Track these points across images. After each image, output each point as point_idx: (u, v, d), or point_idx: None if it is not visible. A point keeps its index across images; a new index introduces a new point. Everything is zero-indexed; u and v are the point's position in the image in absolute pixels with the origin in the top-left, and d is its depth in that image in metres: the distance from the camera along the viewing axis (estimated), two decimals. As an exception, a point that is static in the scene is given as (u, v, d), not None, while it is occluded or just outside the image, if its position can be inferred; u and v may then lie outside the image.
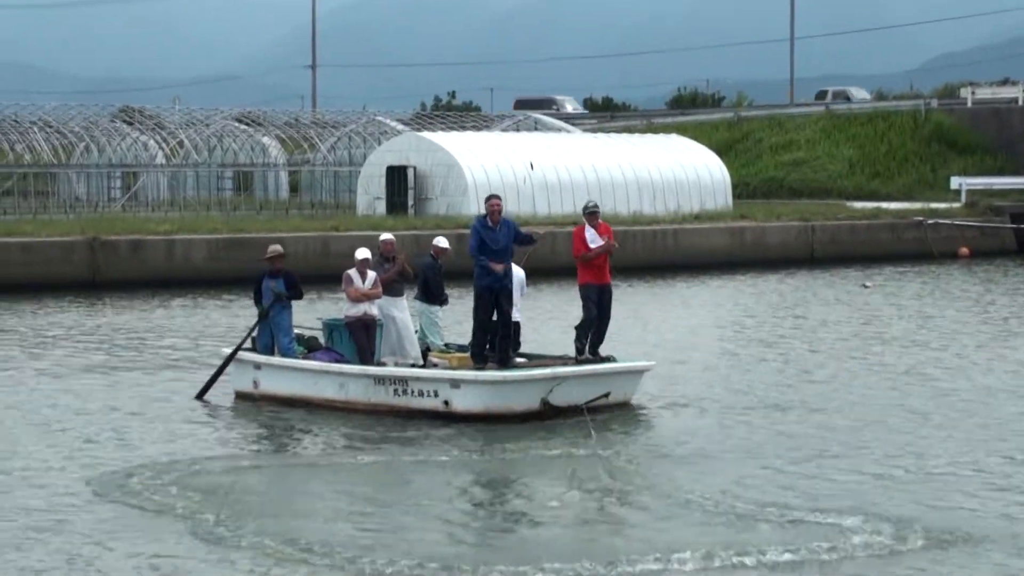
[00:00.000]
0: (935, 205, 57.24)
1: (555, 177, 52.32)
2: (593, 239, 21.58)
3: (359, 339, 21.27)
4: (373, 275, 21.45)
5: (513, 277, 21.01)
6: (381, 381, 20.56)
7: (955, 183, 60.08)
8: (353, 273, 21.47)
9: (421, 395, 20.24)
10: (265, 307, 21.71)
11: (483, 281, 20.55)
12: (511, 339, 20.85)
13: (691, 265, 46.96)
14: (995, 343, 28.97)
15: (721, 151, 63.66)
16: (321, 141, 65.84)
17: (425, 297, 21.92)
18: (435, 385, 20.20)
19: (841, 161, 68.55)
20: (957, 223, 54.91)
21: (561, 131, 64.12)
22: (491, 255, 20.50)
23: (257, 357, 21.82)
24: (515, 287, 21.04)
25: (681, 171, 55.91)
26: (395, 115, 72.52)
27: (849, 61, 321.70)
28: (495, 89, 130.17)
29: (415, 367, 21.05)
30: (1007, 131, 67.53)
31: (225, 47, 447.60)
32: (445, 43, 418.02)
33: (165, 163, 64.16)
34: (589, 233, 21.62)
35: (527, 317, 24.89)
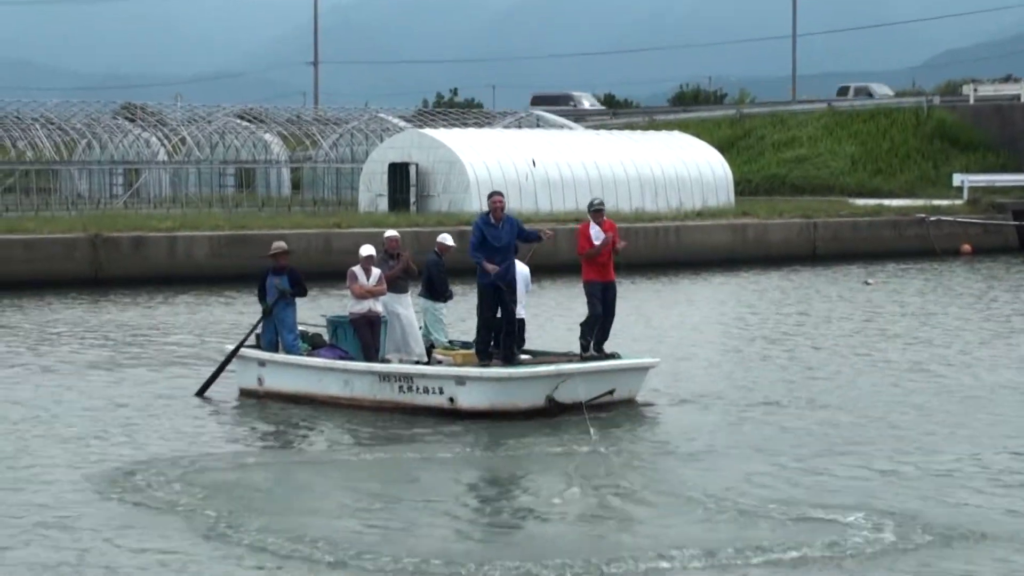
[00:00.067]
0: (937, 202, 57.22)
1: (557, 174, 52.29)
2: (598, 237, 21.60)
3: (363, 336, 21.28)
4: (378, 272, 21.46)
5: (518, 274, 21.02)
6: (386, 378, 20.57)
7: (957, 180, 60.02)
8: (358, 270, 21.48)
9: (426, 392, 20.25)
10: (269, 304, 21.71)
11: (486, 278, 20.51)
12: (515, 336, 20.86)
13: (693, 262, 46.96)
14: (998, 340, 28.98)
15: (723, 148, 63.63)
16: (323, 138, 65.83)
17: (429, 294, 21.93)
18: (440, 382, 20.21)
19: (843, 158, 68.49)
20: (959, 220, 54.88)
21: (563, 128, 64.08)
22: (493, 252, 20.50)
23: (261, 354, 21.82)
24: (520, 284, 21.04)
25: (683, 168, 55.88)
26: (397, 112, 72.46)
27: (851, 58, 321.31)
28: (497, 86, 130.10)
29: (419, 364, 21.07)
30: (1009, 128, 67.49)
31: (226, 44, 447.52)
32: (447, 40, 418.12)
33: (167, 160, 64.18)
34: (594, 230, 21.64)
35: (531, 314, 24.91)
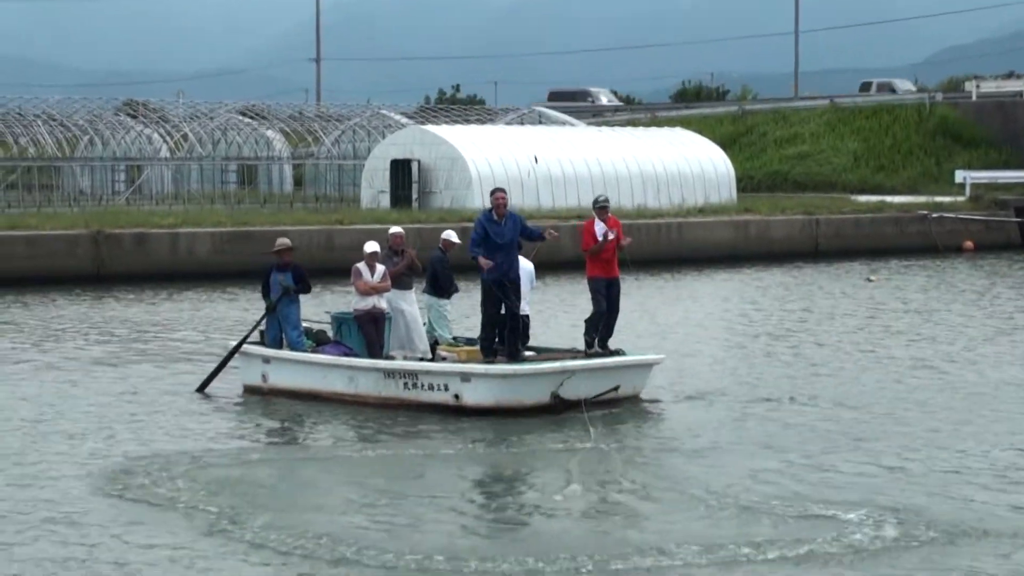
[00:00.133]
0: (939, 199, 57.17)
1: (559, 170, 52.28)
2: (602, 233, 21.60)
3: (368, 332, 21.28)
4: (382, 268, 21.45)
5: (522, 270, 21.01)
6: (391, 375, 20.58)
7: (959, 177, 60.00)
8: (362, 266, 21.47)
9: (431, 389, 20.25)
10: (273, 300, 21.71)
11: (490, 275, 20.49)
12: (520, 332, 20.85)
13: (695, 259, 46.97)
14: (1001, 336, 28.98)
15: (725, 144, 63.61)
16: (325, 134, 65.83)
17: (434, 290, 21.92)
18: (445, 379, 20.21)
19: (845, 155, 68.49)
20: (962, 217, 54.87)
21: (565, 124, 64.08)
22: (496, 249, 20.48)
23: (266, 350, 21.82)
24: (524, 280, 21.02)
25: (685, 164, 55.86)
26: (399, 108, 72.46)
27: (853, 54, 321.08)
28: (499, 83, 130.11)
29: (424, 360, 21.07)
30: (1012, 124, 67.45)
31: (228, 41, 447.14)
32: (449, 37, 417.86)
33: (169, 156, 64.17)
34: (598, 227, 21.64)
35: (536, 311, 24.92)
